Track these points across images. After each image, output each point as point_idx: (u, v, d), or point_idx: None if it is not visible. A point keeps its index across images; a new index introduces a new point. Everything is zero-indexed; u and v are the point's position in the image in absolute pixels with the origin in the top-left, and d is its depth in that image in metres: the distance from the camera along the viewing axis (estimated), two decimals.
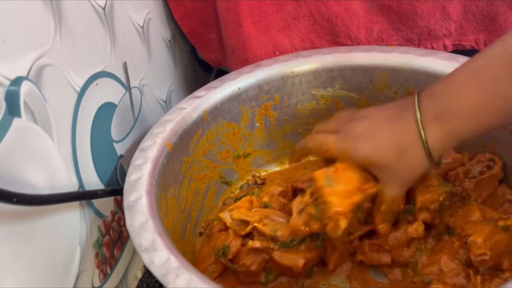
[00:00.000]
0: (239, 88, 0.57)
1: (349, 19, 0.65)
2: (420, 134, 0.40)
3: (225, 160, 0.60)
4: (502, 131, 0.51)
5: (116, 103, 0.55)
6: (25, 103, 0.38)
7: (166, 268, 0.37)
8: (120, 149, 0.56)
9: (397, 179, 0.44)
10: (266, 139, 0.63)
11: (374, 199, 0.46)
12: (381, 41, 0.67)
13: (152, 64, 0.67)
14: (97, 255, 0.50)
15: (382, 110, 0.45)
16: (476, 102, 0.39)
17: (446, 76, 0.42)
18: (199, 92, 0.56)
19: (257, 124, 0.61)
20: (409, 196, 0.49)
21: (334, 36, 0.67)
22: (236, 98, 0.58)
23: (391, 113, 0.44)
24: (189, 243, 0.55)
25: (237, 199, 0.58)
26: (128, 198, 0.43)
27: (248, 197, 0.54)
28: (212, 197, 0.60)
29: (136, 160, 0.48)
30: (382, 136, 0.43)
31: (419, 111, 0.41)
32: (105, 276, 0.51)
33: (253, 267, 0.48)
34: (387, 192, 0.45)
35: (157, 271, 0.37)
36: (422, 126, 0.40)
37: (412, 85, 0.56)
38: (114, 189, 0.51)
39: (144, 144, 0.50)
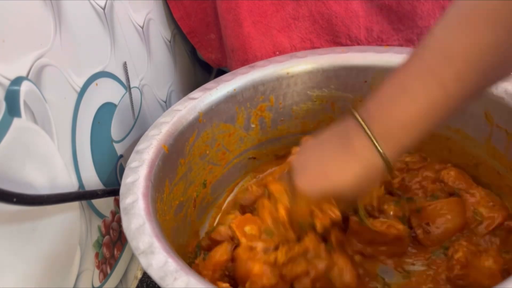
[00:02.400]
0: (234, 90, 0.57)
1: (349, 19, 0.65)
2: (377, 149, 0.39)
3: (221, 162, 0.60)
4: (497, 130, 0.51)
5: (116, 103, 0.55)
6: (25, 103, 0.38)
7: (164, 271, 0.37)
8: (120, 149, 0.56)
9: (357, 197, 0.46)
10: (262, 140, 0.63)
11: None
12: (381, 41, 0.67)
13: (152, 64, 0.67)
14: (97, 255, 0.50)
15: (326, 140, 0.44)
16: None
17: (376, 92, 0.40)
18: (195, 93, 0.56)
19: (253, 125, 0.61)
20: None
21: (334, 36, 0.67)
22: (231, 99, 0.57)
23: (337, 141, 0.43)
24: (185, 245, 0.55)
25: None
26: (125, 201, 0.43)
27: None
28: (208, 199, 0.60)
29: (132, 162, 0.47)
30: (336, 168, 0.42)
31: (368, 128, 0.39)
32: (105, 276, 0.51)
33: None
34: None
35: (155, 274, 0.37)
36: (376, 140, 0.39)
37: None
38: (114, 189, 0.51)
39: (139, 146, 0.49)
